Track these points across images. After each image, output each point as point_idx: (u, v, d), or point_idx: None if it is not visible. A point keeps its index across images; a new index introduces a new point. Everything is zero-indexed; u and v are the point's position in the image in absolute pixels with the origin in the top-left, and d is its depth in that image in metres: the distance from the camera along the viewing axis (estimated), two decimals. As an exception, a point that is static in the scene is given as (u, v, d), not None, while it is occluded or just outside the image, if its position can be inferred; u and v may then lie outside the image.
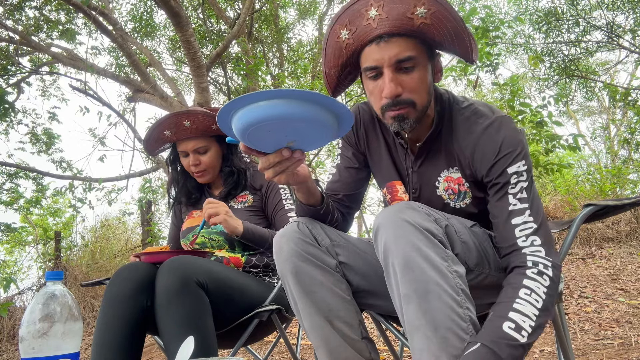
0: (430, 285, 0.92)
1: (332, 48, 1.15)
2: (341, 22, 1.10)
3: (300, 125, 0.86)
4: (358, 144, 1.37)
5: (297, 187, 1.18)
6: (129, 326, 1.35)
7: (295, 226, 1.20)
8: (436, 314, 0.90)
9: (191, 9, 7.71)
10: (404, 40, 1.07)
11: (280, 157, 0.97)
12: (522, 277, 1.00)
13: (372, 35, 1.07)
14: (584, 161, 10.46)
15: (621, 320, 2.69)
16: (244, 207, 1.77)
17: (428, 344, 0.90)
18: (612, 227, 4.53)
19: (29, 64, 7.02)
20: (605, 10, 6.31)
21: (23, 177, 6.75)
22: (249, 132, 0.87)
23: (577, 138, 3.54)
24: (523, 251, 1.05)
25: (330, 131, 0.90)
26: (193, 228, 1.78)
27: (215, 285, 1.42)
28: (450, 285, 0.93)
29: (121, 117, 7.07)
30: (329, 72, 1.20)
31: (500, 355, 0.88)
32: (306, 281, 1.14)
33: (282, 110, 0.82)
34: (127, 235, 6.84)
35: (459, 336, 0.90)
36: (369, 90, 1.15)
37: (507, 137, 1.12)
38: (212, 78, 7.75)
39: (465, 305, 0.94)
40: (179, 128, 1.71)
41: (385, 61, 1.07)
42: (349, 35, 1.10)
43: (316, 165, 6.53)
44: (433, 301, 0.91)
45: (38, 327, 0.92)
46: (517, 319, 0.93)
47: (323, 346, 1.15)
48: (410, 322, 0.93)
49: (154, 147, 1.83)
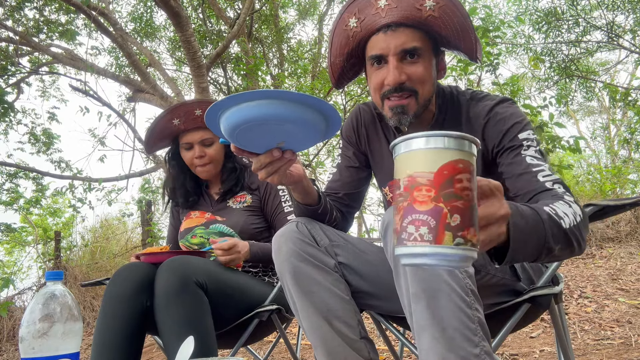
0: (440, 284, 0.90)
1: (339, 36, 1.16)
2: (350, 11, 1.12)
3: (288, 126, 0.86)
4: (359, 144, 1.37)
5: (293, 187, 1.17)
6: (129, 326, 1.35)
7: (294, 226, 1.19)
8: (444, 314, 0.89)
9: (191, 9, 7.71)
10: (410, 31, 1.09)
11: (271, 158, 0.96)
12: (559, 199, 0.94)
13: (380, 24, 1.09)
14: (584, 161, 10.46)
15: (621, 320, 2.69)
16: (243, 207, 1.77)
17: (435, 344, 0.89)
18: (612, 227, 4.53)
19: (28, 64, 7.01)
20: (605, 10, 6.31)
21: (23, 177, 6.74)
22: (237, 133, 0.87)
23: (578, 140, 3.54)
24: (554, 191, 0.99)
25: (318, 131, 0.90)
26: (191, 229, 1.77)
27: (215, 285, 1.41)
28: (460, 286, 0.91)
29: (121, 117, 7.07)
30: (334, 60, 1.21)
31: (543, 220, 0.79)
32: (305, 281, 1.13)
33: (268, 111, 0.81)
34: (127, 236, 6.83)
35: (466, 337, 0.89)
36: (372, 80, 1.15)
37: (515, 111, 1.15)
38: (212, 78, 7.74)
39: (474, 306, 0.92)
40: (188, 117, 1.70)
41: (391, 50, 1.09)
42: (357, 23, 1.12)
43: (316, 165, 6.53)
44: (442, 301, 0.90)
45: (38, 327, 0.92)
46: (557, 211, 0.86)
47: (322, 346, 1.14)
48: (418, 322, 0.92)
49: (157, 139, 1.79)
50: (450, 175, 0.56)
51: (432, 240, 0.55)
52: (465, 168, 0.58)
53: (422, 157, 0.58)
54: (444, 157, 0.57)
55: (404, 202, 0.58)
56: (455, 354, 0.87)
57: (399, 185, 0.59)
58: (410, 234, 0.56)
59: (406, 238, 0.57)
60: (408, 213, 0.57)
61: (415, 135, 0.59)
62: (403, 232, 0.57)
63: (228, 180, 1.80)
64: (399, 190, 0.59)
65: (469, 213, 0.57)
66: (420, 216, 0.56)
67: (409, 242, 0.56)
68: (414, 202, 0.57)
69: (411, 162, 0.58)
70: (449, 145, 0.57)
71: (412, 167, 0.58)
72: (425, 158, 0.57)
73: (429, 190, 0.56)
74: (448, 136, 0.58)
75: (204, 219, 1.78)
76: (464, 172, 0.57)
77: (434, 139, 0.58)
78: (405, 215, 0.57)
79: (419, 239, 0.56)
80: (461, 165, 0.57)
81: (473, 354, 0.88)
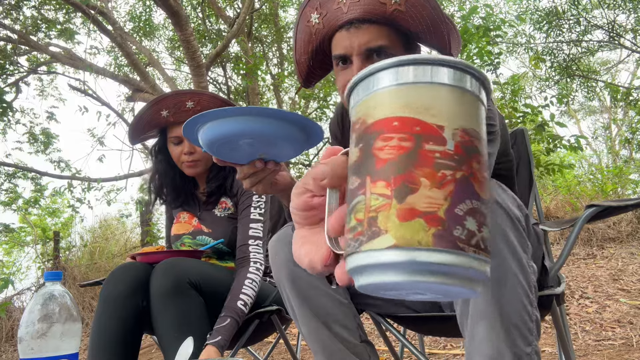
0: (509, 275, 0.86)
1: (303, 33, 1.08)
2: (312, 5, 1.02)
3: (266, 140, 0.86)
4: (345, 139, 1.33)
5: (281, 195, 1.13)
6: (125, 326, 1.34)
7: (289, 230, 1.18)
8: (509, 309, 0.85)
9: (190, 8, 7.70)
10: (375, 27, 0.99)
11: (254, 169, 0.95)
12: None
13: (342, 21, 1.00)
14: (585, 161, 10.46)
15: (622, 320, 2.68)
16: (227, 214, 1.67)
17: (492, 336, 0.85)
18: (614, 228, 4.52)
19: (27, 63, 7.00)
20: (606, 10, 6.31)
21: (21, 177, 6.73)
22: (216, 147, 0.87)
23: (579, 139, 3.54)
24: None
25: (298, 144, 0.89)
26: (180, 237, 1.70)
27: (211, 286, 1.41)
28: (527, 280, 0.87)
29: (120, 116, 7.06)
30: (299, 59, 1.13)
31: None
32: (303, 286, 1.12)
33: (244, 127, 0.82)
34: (126, 236, 6.83)
35: (523, 335, 0.85)
36: (338, 81, 1.09)
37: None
38: (212, 77, 7.74)
39: (535, 304, 0.88)
40: (179, 109, 1.54)
41: (354, 49, 1.01)
42: (319, 19, 1.03)
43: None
44: (507, 293, 0.85)
45: (37, 327, 0.93)
46: None
47: (322, 351, 1.13)
48: (478, 307, 0.87)
49: (143, 130, 1.61)
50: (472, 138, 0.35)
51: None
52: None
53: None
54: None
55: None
56: (510, 349, 0.85)
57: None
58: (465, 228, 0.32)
59: (455, 234, 0.32)
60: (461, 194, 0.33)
61: (387, 63, 0.36)
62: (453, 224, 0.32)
63: (214, 179, 1.67)
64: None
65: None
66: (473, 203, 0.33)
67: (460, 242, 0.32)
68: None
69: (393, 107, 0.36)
70: (455, 81, 0.36)
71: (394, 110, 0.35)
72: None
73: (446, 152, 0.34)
74: (448, 65, 0.36)
75: (192, 227, 1.70)
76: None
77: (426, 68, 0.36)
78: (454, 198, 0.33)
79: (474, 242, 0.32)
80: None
81: (525, 353, 0.85)
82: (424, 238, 0.32)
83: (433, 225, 0.32)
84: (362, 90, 0.39)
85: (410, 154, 0.34)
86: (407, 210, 0.33)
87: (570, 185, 5.51)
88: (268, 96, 8.31)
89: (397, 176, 0.34)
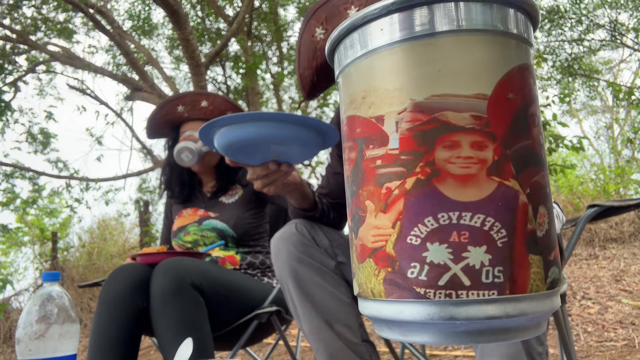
0: None
1: (307, 47, 1.05)
2: (317, 18, 1.00)
3: (282, 145, 0.87)
4: None
5: (289, 194, 1.16)
6: (125, 327, 1.34)
7: (293, 228, 1.19)
8: None
9: (190, 7, 7.69)
10: None
11: (267, 170, 0.96)
12: None
13: None
14: (587, 161, 10.47)
15: (624, 321, 2.67)
16: (234, 200, 1.76)
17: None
18: (616, 228, 4.51)
19: (25, 62, 6.98)
20: (608, 9, 6.31)
21: (19, 177, 6.71)
22: (232, 151, 0.89)
23: (582, 140, 3.53)
24: None
25: (314, 146, 0.91)
26: (184, 227, 1.75)
27: (212, 286, 1.40)
28: None
29: (119, 116, 7.05)
30: (302, 73, 1.09)
31: None
32: (306, 284, 1.13)
33: (261, 132, 0.83)
34: (125, 236, 6.82)
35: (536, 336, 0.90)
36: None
37: None
38: (211, 77, 7.72)
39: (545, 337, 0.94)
40: (194, 106, 1.70)
41: None
42: (324, 35, 1.01)
43: (316, 165, 6.51)
44: None
45: (35, 328, 0.92)
46: None
47: (323, 350, 1.13)
48: None
49: (160, 124, 1.76)
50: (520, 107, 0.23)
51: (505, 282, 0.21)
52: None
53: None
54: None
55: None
56: (525, 349, 0.88)
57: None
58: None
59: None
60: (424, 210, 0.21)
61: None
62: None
63: (223, 177, 1.79)
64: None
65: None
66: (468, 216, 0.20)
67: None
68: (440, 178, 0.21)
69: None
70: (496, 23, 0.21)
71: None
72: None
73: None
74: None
75: (197, 216, 1.76)
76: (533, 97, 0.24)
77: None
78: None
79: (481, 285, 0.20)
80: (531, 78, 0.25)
81: (537, 352, 0.88)
82: (375, 286, 0.24)
83: (382, 267, 0.23)
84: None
85: (355, 168, 0.26)
86: (360, 247, 0.25)
87: (572, 186, 5.50)
88: (267, 95, 8.31)
89: (351, 202, 0.27)
